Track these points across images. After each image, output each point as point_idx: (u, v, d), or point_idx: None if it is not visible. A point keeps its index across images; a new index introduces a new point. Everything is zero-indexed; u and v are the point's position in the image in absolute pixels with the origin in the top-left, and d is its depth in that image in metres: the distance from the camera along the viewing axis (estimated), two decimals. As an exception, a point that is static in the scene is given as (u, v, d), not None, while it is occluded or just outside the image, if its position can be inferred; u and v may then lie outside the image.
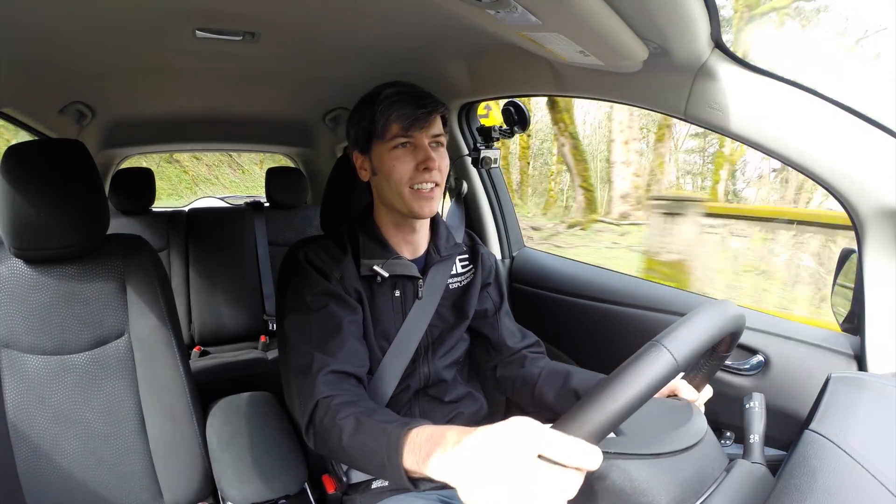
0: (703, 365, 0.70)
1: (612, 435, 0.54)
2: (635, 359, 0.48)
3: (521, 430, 0.45)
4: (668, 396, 0.73)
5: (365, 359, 0.86)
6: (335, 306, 0.85)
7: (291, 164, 2.74)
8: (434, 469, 0.52)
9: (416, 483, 0.59)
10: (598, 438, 0.45)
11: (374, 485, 0.93)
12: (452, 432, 0.52)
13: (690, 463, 0.54)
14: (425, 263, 0.97)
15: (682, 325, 0.51)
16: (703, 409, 0.75)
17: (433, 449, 0.53)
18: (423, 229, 0.96)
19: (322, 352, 0.80)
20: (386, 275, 0.90)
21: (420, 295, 0.95)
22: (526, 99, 1.42)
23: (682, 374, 0.65)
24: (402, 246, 0.94)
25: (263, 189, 2.26)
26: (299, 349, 0.83)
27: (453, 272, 1.01)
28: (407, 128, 0.85)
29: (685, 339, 0.49)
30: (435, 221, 0.99)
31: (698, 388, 0.73)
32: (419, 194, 0.86)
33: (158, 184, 2.26)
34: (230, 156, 11.98)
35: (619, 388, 0.46)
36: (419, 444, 0.56)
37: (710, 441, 0.60)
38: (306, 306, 0.85)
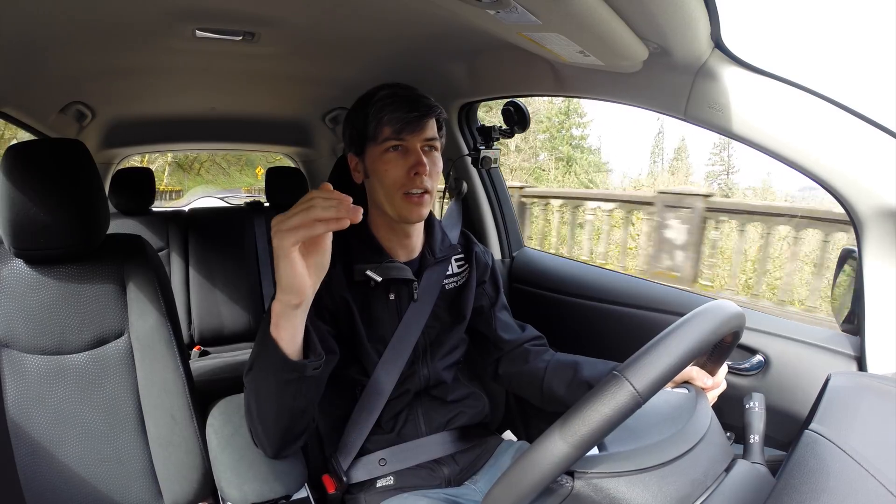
0: (713, 351, 0.69)
1: (594, 451, 0.53)
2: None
3: None
4: (682, 384, 0.72)
5: None
6: None
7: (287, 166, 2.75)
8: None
9: (303, 367, 0.67)
10: None
11: (379, 483, 0.93)
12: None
13: (685, 471, 0.53)
14: (420, 265, 0.96)
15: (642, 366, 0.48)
16: (723, 385, 0.75)
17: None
18: (417, 232, 0.96)
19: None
20: (379, 279, 0.89)
21: (415, 297, 0.94)
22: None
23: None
24: (396, 249, 0.94)
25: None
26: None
27: (449, 272, 1.01)
28: (398, 131, 0.84)
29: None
30: (430, 223, 0.99)
31: (712, 371, 0.72)
32: (409, 199, 0.85)
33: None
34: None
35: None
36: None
37: (712, 438, 0.59)
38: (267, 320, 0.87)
